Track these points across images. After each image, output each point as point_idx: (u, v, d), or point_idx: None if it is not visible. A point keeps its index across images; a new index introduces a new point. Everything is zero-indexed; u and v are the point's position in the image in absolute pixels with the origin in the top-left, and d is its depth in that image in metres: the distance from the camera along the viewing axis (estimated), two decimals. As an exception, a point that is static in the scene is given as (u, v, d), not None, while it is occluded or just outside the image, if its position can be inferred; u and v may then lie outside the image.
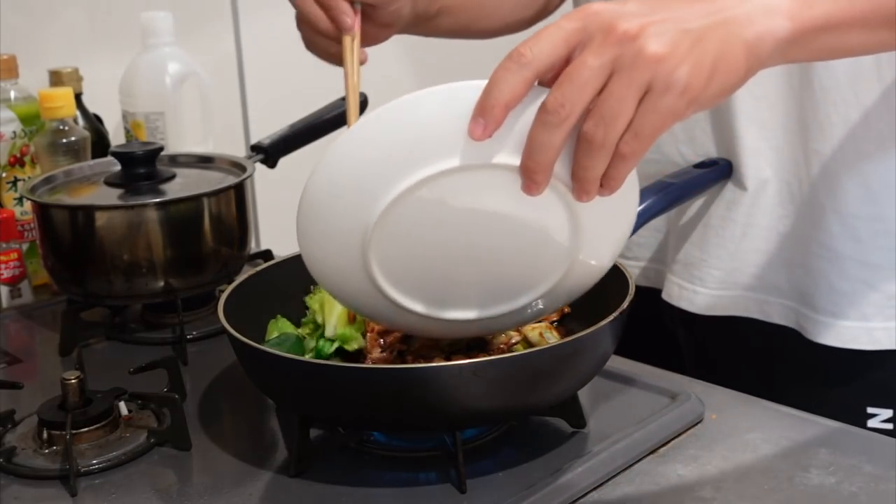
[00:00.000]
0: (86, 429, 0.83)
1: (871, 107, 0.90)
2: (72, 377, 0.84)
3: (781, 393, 0.92)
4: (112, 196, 1.05)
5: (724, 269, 1.00)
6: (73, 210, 1.03)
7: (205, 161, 1.16)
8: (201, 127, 1.40)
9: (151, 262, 1.02)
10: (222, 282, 1.08)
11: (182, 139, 1.36)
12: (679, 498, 0.74)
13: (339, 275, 0.75)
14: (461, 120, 0.64)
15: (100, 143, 1.31)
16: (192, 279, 1.05)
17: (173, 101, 1.35)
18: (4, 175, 1.25)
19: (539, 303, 0.77)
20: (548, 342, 0.83)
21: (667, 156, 1.02)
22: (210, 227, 1.05)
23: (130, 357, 0.99)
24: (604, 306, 0.78)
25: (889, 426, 0.94)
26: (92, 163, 1.17)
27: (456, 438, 0.75)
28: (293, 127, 1.19)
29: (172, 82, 1.35)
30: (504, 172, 0.66)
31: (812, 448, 0.79)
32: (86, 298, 1.06)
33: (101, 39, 1.46)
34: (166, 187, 1.07)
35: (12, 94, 1.25)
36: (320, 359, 0.85)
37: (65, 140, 1.20)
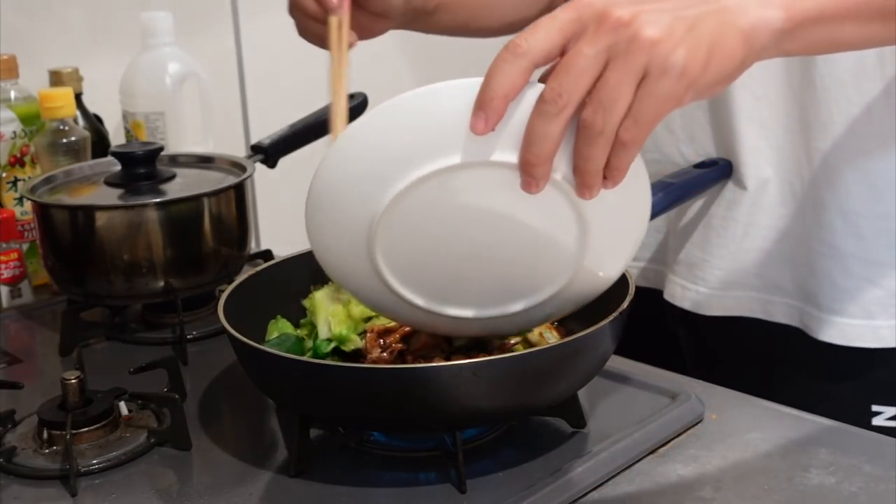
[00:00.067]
0: (86, 429, 0.83)
1: (873, 104, 0.90)
2: (72, 377, 0.84)
3: (784, 391, 0.92)
4: (112, 196, 1.05)
5: (727, 269, 1.00)
6: (74, 210, 1.04)
7: (205, 161, 1.16)
8: (201, 127, 1.40)
9: (151, 262, 1.02)
10: (222, 282, 1.08)
11: (182, 139, 1.36)
12: (679, 498, 0.74)
13: (346, 266, 0.75)
14: (463, 116, 0.64)
15: (100, 143, 1.31)
16: (192, 279, 1.05)
17: (173, 101, 1.35)
18: (4, 175, 1.25)
19: (545, 307, 0.77)
20: (548, 342, 0.83)
21: (667, 156, 1.02)
22: (210, 227, 1.05)
23: (130, 357, 0.99)
24: (604, 306, 0.78)
25: (894, 423, 0.94)
26: (92, 163, 1.17)
27: (456, 438, 0.75)
28: (293, 127, 1.19)
29: (172, 82, 1.35)
30: (506, 170, 0.66)
31: (812, 448, 0.79)
32: (86, 298, 1.06)
33: (101, 39, 1.46)
34: (166, 187, 1.07)
35: (12, 94, 1.25)
36: (318, 359, 0.85)
37: (65, 140, 1.20)
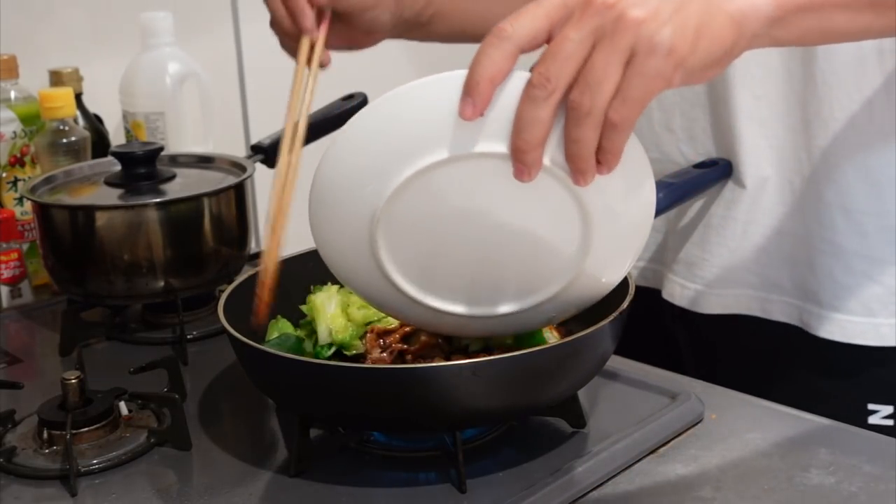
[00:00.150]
0: (86, 429, 0.83)
1: (875, 102, 0.90)
2: (72, 377, 0.84)
3: (781, 389, 0.92)
4: (112, 196, 1.05)
5: (725, 267, 1.00)
6: (74, 210, 1.03)
7: (205, 161, 1.16)
8: (201, 127, 1.40)
9: (151, 262, 1.02)
10: (222, 282, 1.08)
11: (182, 139, 1.36)
12: (679, 498, 0.74)
13: (349, 262, 0.75)
14: (456, 107, 0.65)
15: (100, 143, 1.31)
16: (192, 279, 1.05)
17: (173, 101, 1.35)
18: (5, 175, 1.25)
19: (547, 307, 0.76)
20: (548, 342, 0.83)
21: (667, 155, 1.02)
22: (210, 227, 1.05)
23: (130, 357, 0.99)
24: (604, 306, 0.78)
25: (890, 422, 0.94)
26: (92, 163, 1.17)
27: (456, 438, 0.75)
28: (293, 127, 1.19)
29: (172, 82, 1.35)
30: (500, 160, 0.66)
31: (812, 448, 0.79)
32: (86, 298, 1.06)
33: (101, 39, 1.46)
34: (166, 187, 1.07)
35: (12, 94, 1.25)
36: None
37: (65, 140, 1.20)
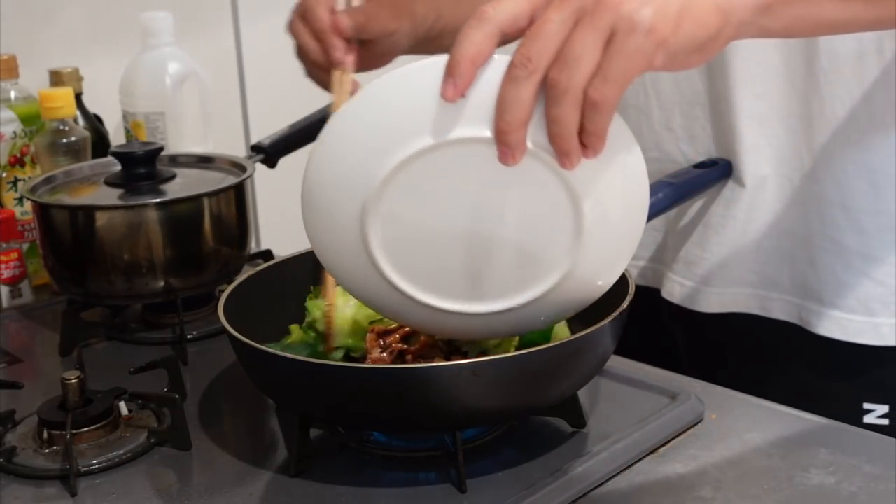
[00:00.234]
0: (86, 429, 0.83)
1: (877, 101, 0.90)
2: (72, 377, 0.84)
3: (778, 387, 0.92)
4: (112, 196, 1.05)
5: (726, 266, 1.00)
6: (74, 210, 1.03)
7: (205, 161, 1.16)
8: (201, 127, 1.40)
9: (151, 262, 1.02)
10: (222, 282, 1.08)
11: (182, 139, 1.36)
12: (679, 498, 0.74)
13: (343, 261, 0.75)
14: (435, 95, 0.65)
15: (100, 143, 1.31)
16: (192, 279, 1.05)
17: (173, 101, 1.35)
18: (5, 175, 1.25)
19: (543, 305, 0.74)
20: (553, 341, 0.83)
21: (667, 154, 1.02)
22: (210, 227, 1.05)
23: (130, 357, 0.99)
24: (604, 306, 0.77)
25: (885, 422, 0.94)
26: (92, 163, 1.17)
27: (456, 438, 0.75)
28: (293, 127, 1.19)
29: (172, 82, 1.35)
30: (486, 147, 0.66)
31: (812, 448, 0.79)
32: (86, 298, 1.06)
33: (101, 39, 1.46)
34: (166, 187, 1.07)
35: (12, 94, 1.25)
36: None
37: (65, 140, 1.20)
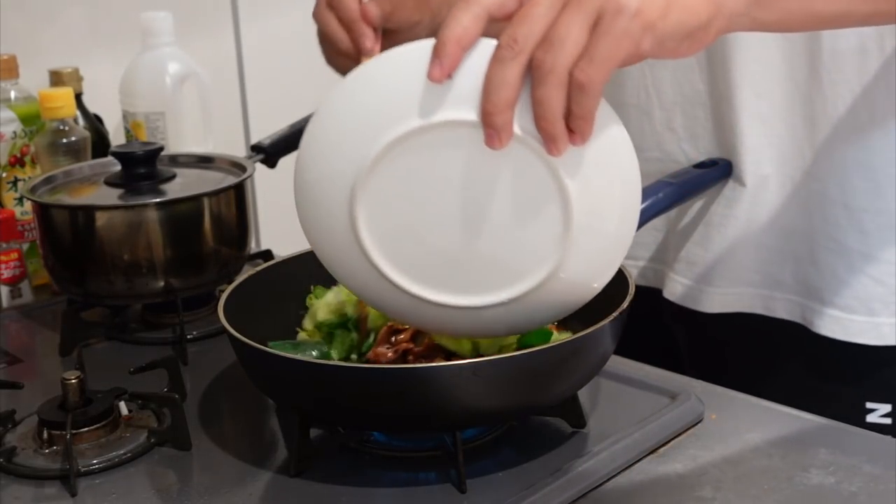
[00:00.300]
0: (86, 429, 0.83)
1: (878, 99, 0.90)
2: (72, 377, 0.84)
3: (780, 387, 0.92)
4: (112, 196, 1.05)
5: (728, 266, 1.00)
6: (74, 210, 1.03)
7: (205, 161, 1.16)
8: (201, 127, 1.40)
9: (151, 262, 1.02)
10: (222, 282, 1.08)
11: (182, 139, 1.36)
12: (679, 498, 0.74)
13: (335, 251, 0.75)
14: (422, 77, 0.66)
15: (100, 143, 1.31)
16: (192, 279, 1.05)
17: (173, 101, 1.35)
18: (5, 175, 1.25)
19: (534, 301, 0.73)
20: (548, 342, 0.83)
21: (668, 154, 1.02)
22: (210, 227, 1.05)
23: (130, 357, 0.99)
24: (604, 306, 0.78)
25: (888, 421, 0.95)
26: (92, 163, 1.17)
27: (456, 438, 0.75)
28: (293, 127, 1.19)
29: (172, 82, 1.35)
30: (473, 131, 0.66)
31: (812, 448, 0.79)
32: (86, 298, 1.06)
33: (101, 39, 1.46)
34: (166, 187, 1.07)
35: (12, 94, 1.25)
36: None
37: (65, 140, 1.20)
